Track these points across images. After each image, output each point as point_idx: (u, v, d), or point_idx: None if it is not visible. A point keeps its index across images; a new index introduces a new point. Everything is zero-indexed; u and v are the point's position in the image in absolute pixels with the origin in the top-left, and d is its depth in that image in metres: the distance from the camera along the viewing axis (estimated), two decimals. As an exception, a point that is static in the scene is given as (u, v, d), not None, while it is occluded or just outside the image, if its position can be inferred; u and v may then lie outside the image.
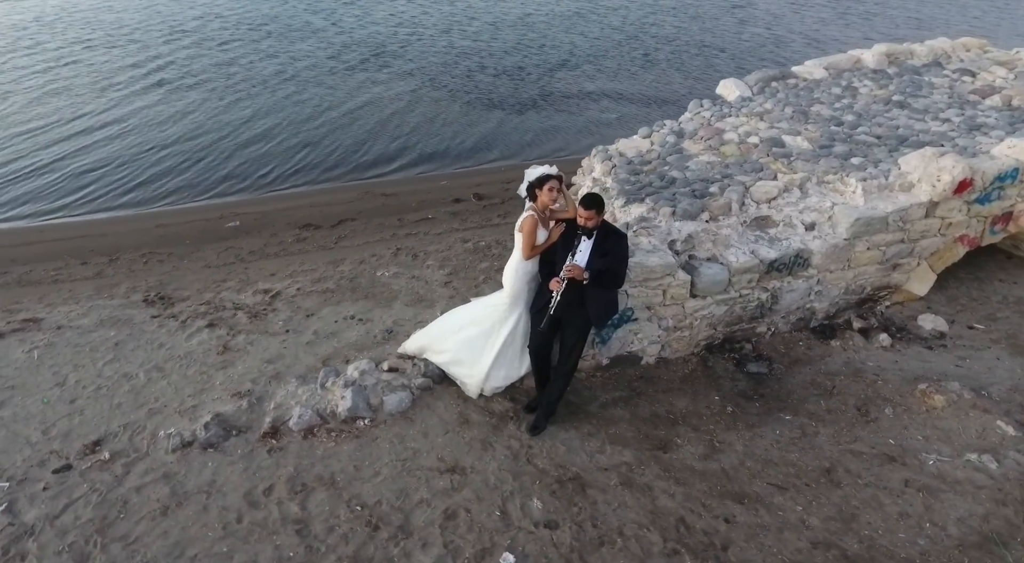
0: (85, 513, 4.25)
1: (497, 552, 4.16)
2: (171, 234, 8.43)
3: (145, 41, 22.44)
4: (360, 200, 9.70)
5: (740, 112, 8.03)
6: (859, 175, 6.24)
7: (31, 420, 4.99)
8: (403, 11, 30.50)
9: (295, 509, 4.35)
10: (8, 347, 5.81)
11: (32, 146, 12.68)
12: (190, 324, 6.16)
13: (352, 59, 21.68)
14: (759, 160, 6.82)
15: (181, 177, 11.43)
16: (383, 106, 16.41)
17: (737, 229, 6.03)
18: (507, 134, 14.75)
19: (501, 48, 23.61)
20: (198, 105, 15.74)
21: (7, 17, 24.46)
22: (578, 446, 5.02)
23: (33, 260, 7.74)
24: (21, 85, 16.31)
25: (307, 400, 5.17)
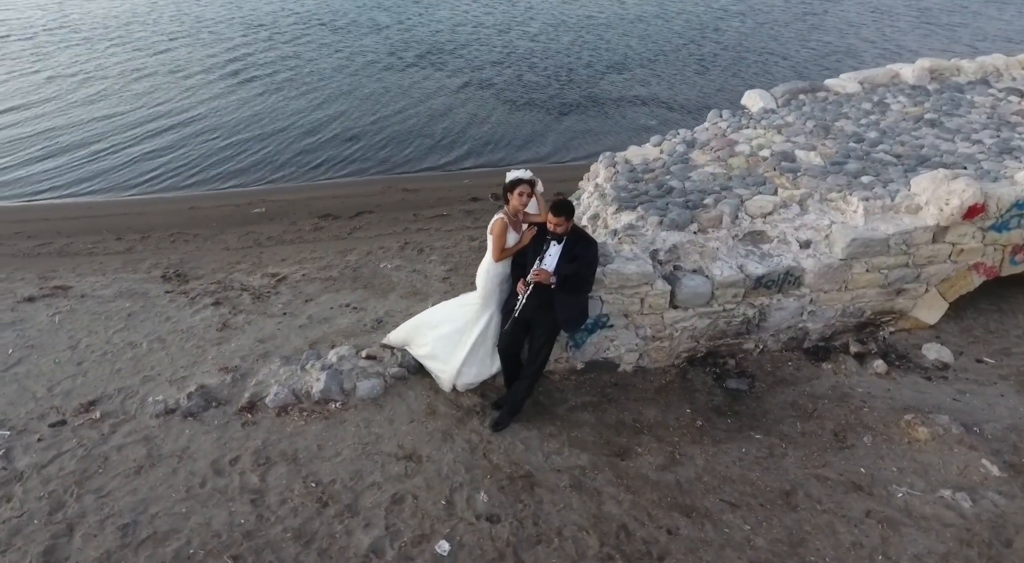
0: (69, 465, 4.66)
1: (434, 539, 4.31)
2: (201, 217, 8.99)
3: (223, 33, 23.73)
4: (382, 194, 10.04)
5: (759, 124, 7.87)
6: (863, 194, 6.04)
7: (41, 377, 5.49)
8: (467, 10, 31.03)
9: (255, 480, 4.63)
10: (36, 310, 6.39)
11: (110, 129, 13.74)
12: (198, 301, 6.59)
13: (409, 56, 22.26)
14: (764, 174, 6.68)
15: (235, 163, 12.15)
16: (431, 103, 16.80)
17: (727, 242, 5.95)
18: (546, 136, 14.86)
19: (556, 49, 23.71)
20: (262, 96, 16.59)
21: (105, 9, 26.31)
22: (537, 446, 5.11)
23: (76, 233, 8.44)
24: (110, 71, 17.58)
25: (286, 380, 5.46)
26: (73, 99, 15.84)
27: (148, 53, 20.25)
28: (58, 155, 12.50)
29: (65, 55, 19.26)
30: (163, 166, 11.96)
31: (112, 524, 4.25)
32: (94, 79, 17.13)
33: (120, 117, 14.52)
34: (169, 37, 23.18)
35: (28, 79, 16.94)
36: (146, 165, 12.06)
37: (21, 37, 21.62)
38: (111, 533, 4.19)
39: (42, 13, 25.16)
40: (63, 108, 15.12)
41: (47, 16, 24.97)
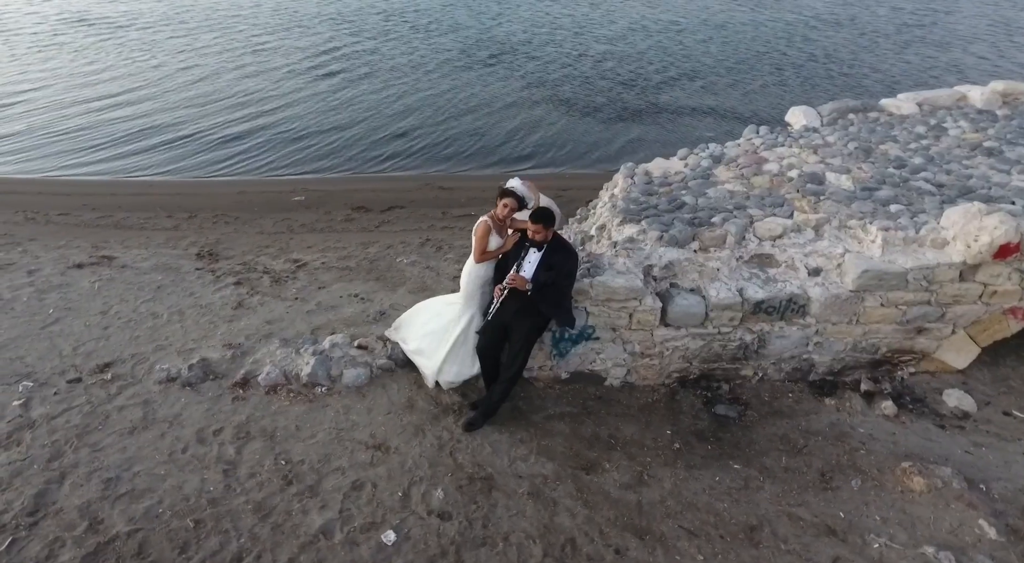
0: (75, 419, 5.13)
1: (383, 528, 4.44)
2: (246, 201, 9.55)
3: (312, 28, 25.01)
4: (417, 190, 10.30)
5: (796, 142, 7.53)
6: (883, 223, 5.68)
7: (70, 337, 6.05)
8: (547, 11, 31.17)
9: (231, 452, 4.93)
10: (82, 276, 7.03)
11: (198, 115, 14.84)
12: (222, 280, 7.04)
13: (482, 55, 22.62)
14: (785, 195, 6.41)
15: (297, 152, 12.83)
16: (494, 104, 17.04)
17: (729, 263, 5.76)
18: (602, 142, 14.74)
19: (630, 54, 23.43)
20: (338, 90, 17.46)
21: (213, 3, 28.26)
22: (504, 450, 5.15)
23: (134, 208, 9.18)
24: (208, 61, 18.91)
25: (280, 361, 5.76)
26: (172, 86, 17.17)
27: (243, 45, 21.62)
28: (151, 136, 13.59)
29: (171, 44, 20.86)
30: (237, 153, 12.77)
31: (98, 477, 4.65)
32: (194, 68, 18.50)
33: (209, 105, 15.61)
34: (265, 30, 24.64)
35: (139, 65, 18.47)
36: (222, 152, 12.92)
37: (140, 27, 23.57)
38: (95, 485, 4.59)
39: (159, 5, 27.34)
40: (162, 93, 16.41)
41: (163, 8, 27.11)
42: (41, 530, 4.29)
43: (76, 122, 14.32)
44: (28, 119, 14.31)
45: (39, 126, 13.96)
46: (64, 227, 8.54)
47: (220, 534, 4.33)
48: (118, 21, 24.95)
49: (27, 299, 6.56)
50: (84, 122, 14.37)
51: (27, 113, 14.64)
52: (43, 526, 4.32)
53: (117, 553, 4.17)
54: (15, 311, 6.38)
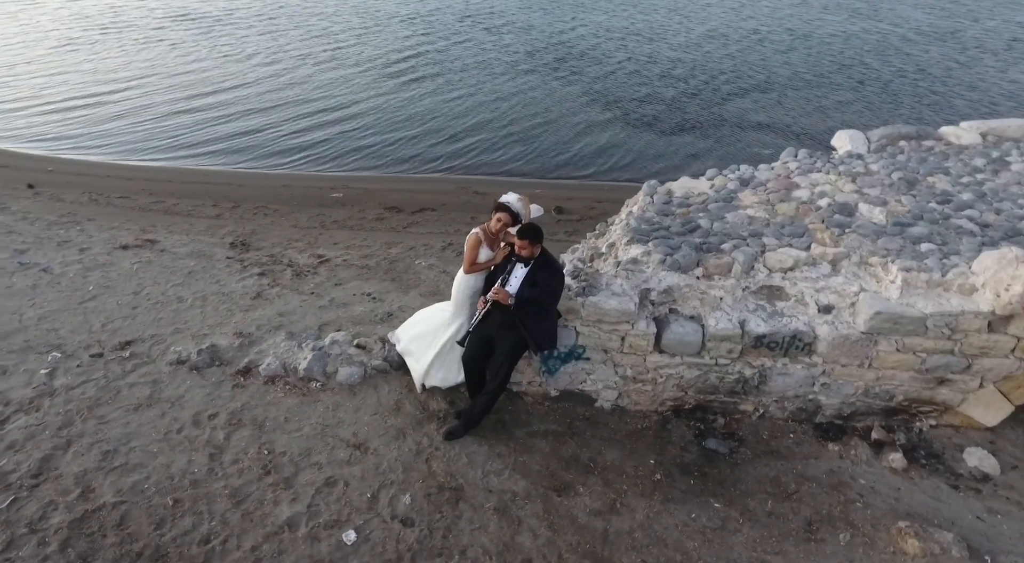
0: (89, 391, 5.53)
1: (346, 527, 4.56)
2: (287, 194, 9.97)
3: (388, 26, 25.80)
4: (452, 193, 10.43)
5: (836, 169, 7.14)
6: (907, 263, 5.31)
7: (102, 314, 6.53)
8: (627, 15, 30.78)
9: (220, 437, 5.18)
10: (125, 257, 7.56)
11: (270, 109, 15.64)
12: (248, 270, 7.40)
13: (549, 58, 22.63)
14: (808, 225, 6.09)
15: (348, 147, 13.29)
16: (551, 109, 17.01)
17: (734, 293, 5.54)
18: (653, 154, 14.43)
19: (700, 62, 22.84)
20: (400, 89, 17.87)
21: (298, 1, 29.65)
22: (480, 462, 5.16)
23: (185, 195, 9.78)
24: (287, 57, 19.85)
25: (282, 353, 6.00)
26: (254, 80, 18.10)
27: (323, 43, 22.53)
28: (224, 128, 14.40)
29: (259, 41, 22.01)
30: (298, 148, 13.35)
31: (98, 448, 5.00)
32: (275, 64, 19.45)
33: (284, 100, 16.38)
34: (345, 27, 25.60)
35: (227, 60, 19.60)
36: (282, 144, 13.53)
37: (234, 23, 25.01)
38: (94, 455, 4.94)
39: (254, 2, 28.91)
40: (243, 88, 17.35)
41: (258, 5, 28.65)
42: (40, 492, 4.66)
43: (161, 110, 15.36)
44: (121, 107, 15.45)
45: (128, 114, 15.05)
46: (121, 210, 9.22)
47: (194, 515, 4.57)
48: (217, 17, 26.53)
49: (73, 275, 7.13)
50: (166, 111, 15.38)
51: (120, 102, 15.80)
52: (43, 489, 4.69)
53: (100, 522, 4.48)
54: (60, 285, 6.94)
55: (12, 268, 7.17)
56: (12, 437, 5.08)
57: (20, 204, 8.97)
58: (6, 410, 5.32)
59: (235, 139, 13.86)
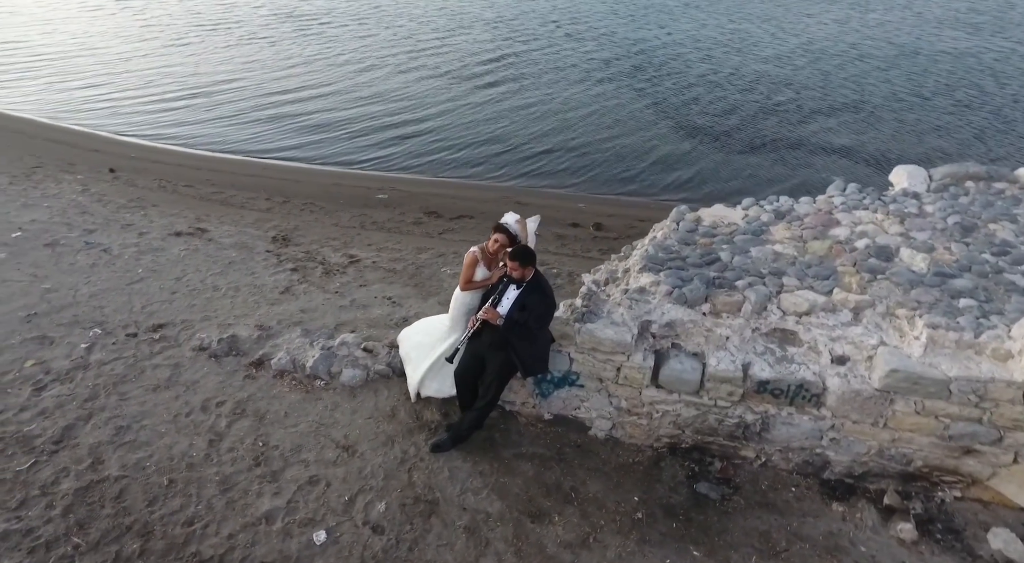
0: (118, 368, 5.99)
1: (318, 527, 4.72)
2: (336, 192, 10.34)
3: (471, 30, 26.21)
4: (494, 201, 10.46)
5: (886, 207, 6.65)
6: (934, 320, 4.88)
7: (144, 296, 7.04)
8: (712, 25, 29.89)
9: (223, 425, 5.48)
10: (176, 244, 8.12)
11: (351, 108, 16.29)
12: (282, 265, 7.76)
13: (626, 66, 22.31)
14: (838, 267, 5.71)
15: (405, 149, 13.63)
16: (619, 119, 16.74)
17: (742, 332, 5.29)
18: (714, 173, 13.84)
19: (787, 77, 21.84)
20: (479, 93, 18.10)
21: (392, 5, 30.71)
22: (460, 478, 5.19)
23: (243, 188, 10.35)
24: (367, 59, 20.61)
25: (295, 349, 6.26)
26: (336, 78, 18.91)
27: (406, 45, 23.18)
28: (305, 125, 15.10)
29: (349, 41, 22.96)
30: (367, 146, 13.79)
31: (114, 423, 5.41)
32: (363, 62, 20.22)
33: (366, 101, 16.94)
34: (431, 29, 26.23)
35: (321, 60, 20.58)
36: (349, 144, 13.99)
37: (334, 23, 26.21)
38: (109, 430, 5.35)
39: (353, 4, 30.20)
40: (330, 86, 18.14)
41: (356, 6, 29.91)
42: (57, 458, 5.10)
43: (246, 105, 16.30)
44: (212, 101, 16.51)
45: (216, 107, 16.06)
46: (183, 198, 9.89)
47: (184, 497, 4.86)
48: (316, 16, 27.83)
49: (128, 257, 7.73)
50: (251, 106, 16.30)
51: (212, 97, 16.88)
52: (60, 455, 5.13)
53: (102, 493, 4.85)
54: (115, 266, 7.55)
55: (79, 246, 7.86)
56: (45, 404, 5.58)
57: (99, 187, 9.82)
58: (45, 378, 5.85)
59: (306, 135, 14.47)
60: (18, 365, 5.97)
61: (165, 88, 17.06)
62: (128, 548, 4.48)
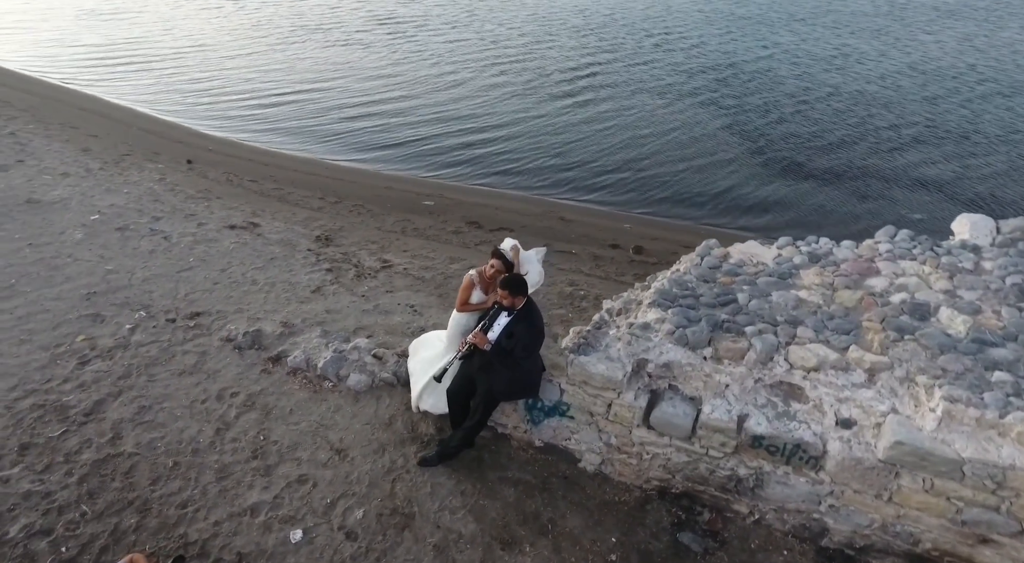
0: (152, 351, 6.49)
1: (297, 526, 4.93)
2: (385, 196, 10.65)
3: (558, 37, 26.18)
4: (537, 215, 10.43)
5: (937, 259, 6.11)
6: (955, 392, 4.46)
7: (189, 284, 7.57)
8: (814, 39, 28.39)
9: (232, 415, 5.82)
10: (228, 236, 8.67)
11: (429, 116, 16.74)
12: (319, 264, 8.12)
13: (710, 81, 21.66)
14: (863, 322, 5.31)
15: (464, 157, 13.77)
16: (694, 138, 16.20)
17: (743, 382, 5.03)
18: (779, 203, 12.95)
19: (888, 99, 20.50)
20: (555, 103, 18.09)
21: (468, 12, 31.22)
22: (441, 495, 5.26)
23: (301, 186, 10.87)
24: (454, 63, 21.07)
25: (311, 349, 6.54)
26: (421, 84, 19.44)
27: (493, 54, 23.41)
28: (372, 124, 15.68)
29: (439, 48, 23.57)
30: (425, 153, 14.04)
31: (137, 403, 5.88)
32: (444, 71, 20.67)
33: (439, 108, 17.23)
34: (518, 34, 26.45)
35: (409, 65, 21.23)
36: (412, 149, 14.25)
37: (420, 27, 27.03)
38: (132, 408, 5.81)
39: (448, 10, 31.02)
40: (407, 90, 18.71)
41: (452, 11, 30.70)
42: (85, 430, 5.60)
43: (326, 105, 17.06)
44: (296, 98, 17.36)
45: (299, 106, 16.89)
46: (246, 192, 10.53)
47: (183, 480, 5.21)
48: (413, 20, 28.76)
49: (183, 246, 8.34)
50: (331, 106, 17.04)
51: (298, 96, 17.71)
52: (87, 427, 5.63)
53: (114, 467, 5.29)
54: (171, 253, 8.17)
55: (144, 232, 8.57)
56: (85, 378, 6.13)
57: (175, 176, 10.64)
58: (90, 354, 6.43)
59: (375, 137, 14.92)
60: (71, 339, 6.60)
61: (259, 87, 18.14)
62: (126, 522, 4.86)
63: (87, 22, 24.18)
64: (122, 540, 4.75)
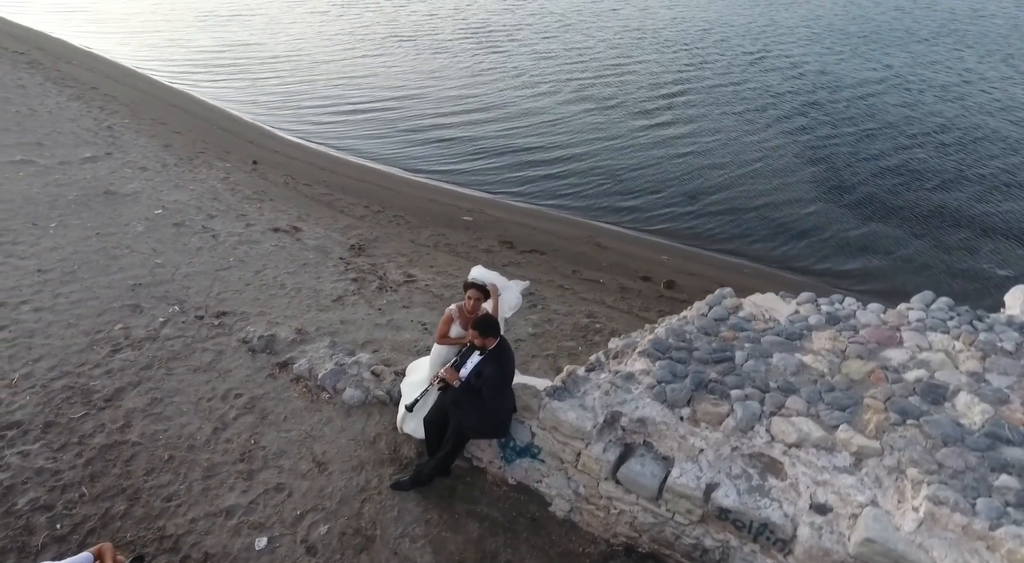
0: (176, 346, 6.96)
1: (264, 533, 5.16)
2: (428, 209, 10.84)
3: (645, 56, 25.48)
4: (572, 239, 10.27)
5: (975, 336, 5.53)
6: (942, 493, 4.03)
7: (223, 283, 8.06)
8: (929, 62, 26.35)
9: (231, 416, 6.16)
10: (270, 239, 9.16)
11: (490, 122, 16.86)
12: (346, 273, 8.42)
13: (803, 105, 20.57)
14: (866, 400, 4.89)
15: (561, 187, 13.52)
16: (767, 166, 15.38)
17: (719, 448, 4.78)
18: (845, 247, 11.82)
19: (1004, 136, 18.45)
20: (624, 122, 17.60)
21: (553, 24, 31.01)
22: (406, 522, 5.34)
23: (351, 193, 11.28)
24: (545, 83, 20.95)
25: (317, 358, 6.80)
26: (497, 96, 19.43)
27: (580, 68, 23.00)
28: (436, 136, 15.84)
29: (525, 61, 23.54)
30: (484, 168, 13.91)
31: (151, 394, 6.33)
32: (527, 85, 20.59)
33: (513, 123, 17.03)
34: (609, 47, 26.03)
35: (488, 76, 21.21)
36: (472, 164, 14.09)
37: (511, 38, 27.09)
38: (145, 399, 6.27)
39: (539, 20, 31.04)
40: (489, 100, 18.77)
41: (541, 23, 30.72)
42: (102, 415, 6.09)
43: (404, 115, 17.29)
44: (380, 108, 17.71)
45: (383, 112, 17.26)
46: (298, 195, 11.06)
47: (174, 475, 5.57)
48: (505, 29, 28.92)
49: (228, 245, 8.89)
50: (412, 115, 17.34)
51: (383, 104, 18.08)
52: (104, 413, 6.12)
53: (118, 453, 5.73)
54: (215, 251, 8.73)
55: (196, 229, 9.21)
56: (113, 365, 6.68)
57: (238, 176, 11.35)
58: (123, 342, 6.99)
59: (440, 149, 14.94)
60: (110, 327, 7.20)
61: (342, 94, 18.59)
62: (116, 508, 5.26)
63: (203, 24, 25.91)
64: (109, 525, 5.14)
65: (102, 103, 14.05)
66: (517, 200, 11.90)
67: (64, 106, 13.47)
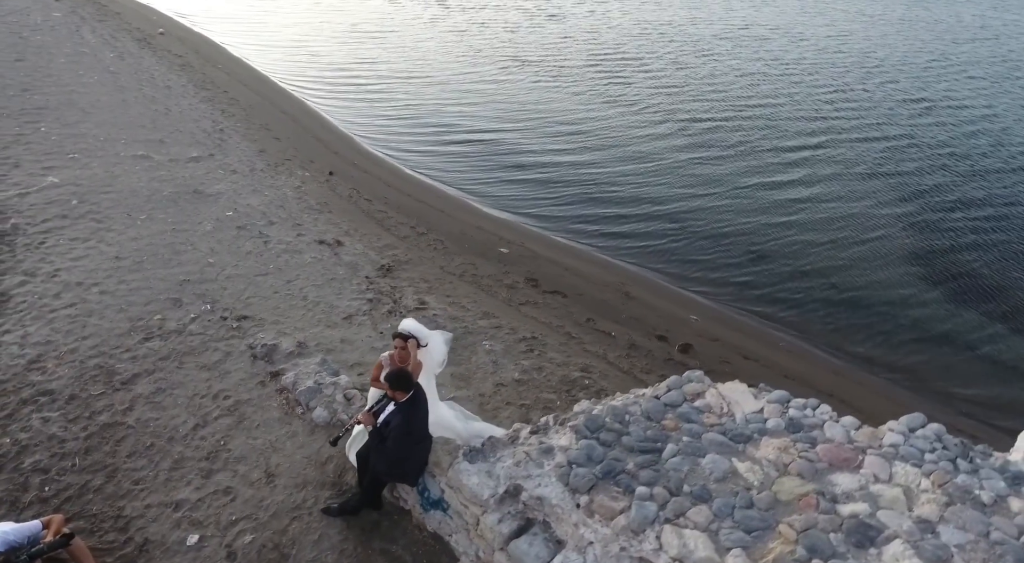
0: (194, 342, 7.80)
1: (198, 531, 5.68)
2: (470, 235, 11.05)
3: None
4: (601, 285, 9.99)
5: (954, 475, 4.82)
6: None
7: (256, 288, 8.87)
8: None
9: (213, 415, 6.82)
10: (313, 250, 9.90)
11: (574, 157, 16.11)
12: (364, 293, 8.92)
13: (971, 172, 17.57)
14: (779, 525, 4.45)
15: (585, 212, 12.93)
16: (898, 246, 13.21)
17: (608, 545, 4.58)
18: (895, 330, 10.10)
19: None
20: (741, 177, 16.00)
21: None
22: (323, 548, 5.65)
23: (405, 213, 11.78)
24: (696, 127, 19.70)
25: (304, 374, 7.31)
26: (610, 127, 18.54)
27: (702, 107, 20.63)
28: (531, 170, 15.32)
29: (650, 94, 21.80)
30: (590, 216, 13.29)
31: (158, 384, 7.17)
32: (635, 123, 18.75)
33: (605, 166, 16.11)
34: (748, 84, 24.01)
35: (606, 110, 19.66)
36: (560, 211, 13.16)
37: (641, 69, 25.35)
38: (152, 387, 7.11)
39: (670, 48, 29.69)
40: (583, 133, 18.00)
41: (677, 51, 29.66)
42: (114, 396, 7.01)
43: (500, 149, 16.43)
44: (477, 142, 16.91)
45: (476, 144, 16.65)
46: (356, 209, 11.76)
47: (148, 461, 6.31)
48: (639, 60, 25.96)
49: (273, 252, 9.75)
50: (502, 151, 16.25)
51: (479, 136, 17.35)
52: (118, 395, 7.03)
53: (113, 433, 6.57)
54: (261, 257, 9.61)
55: (254, 234, 10.19)
56: (140, 352, 7.63)
57: (310, 186, 12.33)
58: (155, 332, 7.95)
59: (524, 187, 14.16)
60: (151, 316, 8.21)
61: (448, 122, 17.98)
62: (93, 483, 6.05)
63: (344, 39, 27.17)
64: (83, 496, 5.94)
65: (224, 106, 15.86)
66: (562, 236, 11.65)
67: (194, 107, 15.39)
